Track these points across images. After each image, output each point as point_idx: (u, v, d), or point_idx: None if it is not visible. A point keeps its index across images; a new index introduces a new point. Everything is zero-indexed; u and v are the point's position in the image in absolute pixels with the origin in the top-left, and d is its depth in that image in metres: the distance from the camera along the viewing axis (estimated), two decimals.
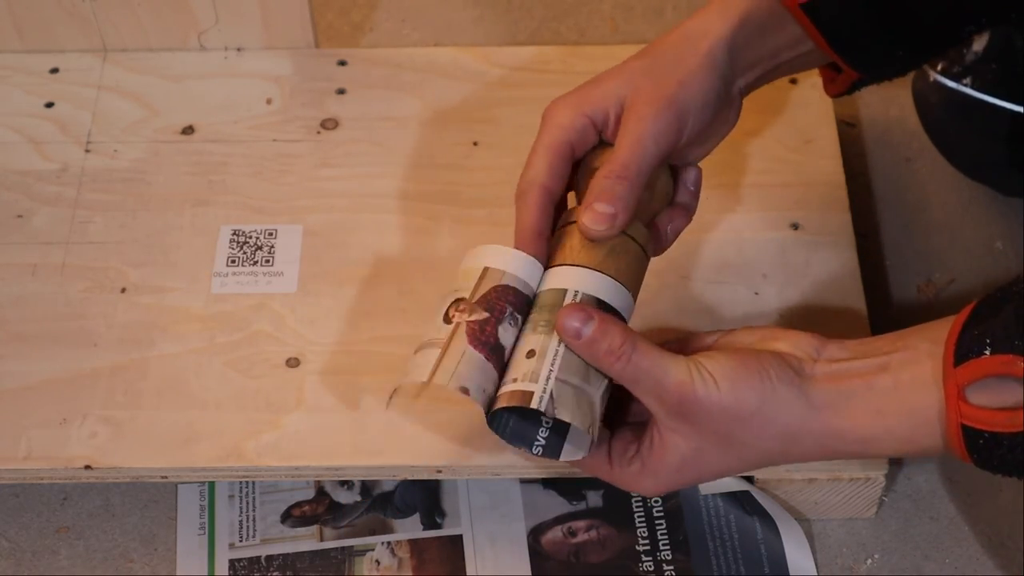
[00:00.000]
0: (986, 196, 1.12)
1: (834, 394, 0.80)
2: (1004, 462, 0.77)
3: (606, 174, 0.83)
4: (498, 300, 0.82)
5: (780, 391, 0.80)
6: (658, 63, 0.86)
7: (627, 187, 0.83)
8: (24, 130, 1.09)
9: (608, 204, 0.83)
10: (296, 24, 1.11)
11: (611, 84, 0.86)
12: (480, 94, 1.11)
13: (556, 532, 0.98)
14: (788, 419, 0.80)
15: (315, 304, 1.00)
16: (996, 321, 0.76)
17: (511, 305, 0.82)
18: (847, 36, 0.87)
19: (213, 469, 0.94)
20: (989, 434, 0.76)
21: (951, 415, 0.77)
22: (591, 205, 0.83)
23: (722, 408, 0.80)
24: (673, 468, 0.82)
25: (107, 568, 0.97)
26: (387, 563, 0.97)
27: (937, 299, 1.07)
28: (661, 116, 0.84)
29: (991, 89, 1.05)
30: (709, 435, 0.81)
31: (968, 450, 0.77)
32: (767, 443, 0.81)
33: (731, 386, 0.80)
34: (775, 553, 0.96)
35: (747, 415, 0.80)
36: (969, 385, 0.76)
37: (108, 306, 1.00)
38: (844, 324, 0.99)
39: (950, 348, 0.78)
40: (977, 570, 0.96)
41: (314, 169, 1.07)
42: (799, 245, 1.03)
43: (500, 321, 0.81)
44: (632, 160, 0.83)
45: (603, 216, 0.83)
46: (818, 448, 0.81)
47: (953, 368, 0.77)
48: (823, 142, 1.08)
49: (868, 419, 0.80)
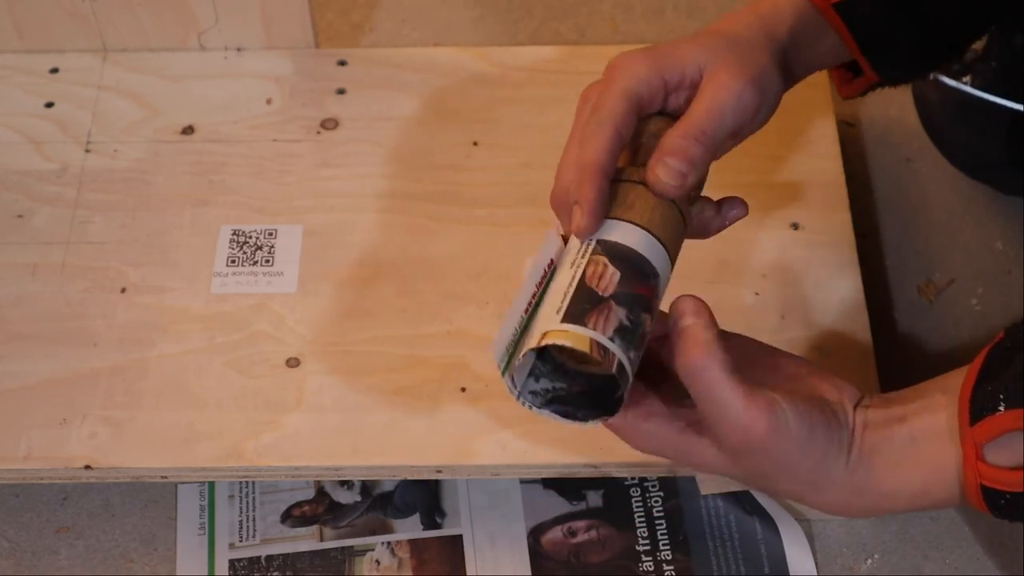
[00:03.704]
0: (986, 196, 1.12)
1: (865, 449, 0.80)
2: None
3: (682, 134, 0.80)
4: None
5: (834, 454, 0.79)
6: (738, 44, 0.83)
7: (701, 151, 0.80)
8: (24, 130, 1.09)
9: (681, 162, 0.79)
10: (296, 24, 1.11)
11: (691, 50, 0.82)
12: (480, 94, 1.11)
13: (556, 532, 0.98)
14: (826, 474, 0.80)
15: (315, 304, 1.00)
16: (1007, 374, 0.76)
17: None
18: (877, 38, 0.87)
19: (213, 469, 0.94)
20: (1011, 495, 0.76)
21: (969, 476, 0.77)
22: (664, 159, 0.79)
23: (786, 458, 0.78)
24: (676, 452, 0.81)
25: (107, 568, 0.97)
26: (387, 563, 0.97)
27: (937, 299, 1.07)
28: (745, 91, 0.81)
29: (991, 88, 1.05)
30: (750, 467, 0.80)
31: (989, 508, 0.77)
32: (797, 489, 0.81)
33: (805, 435, 0.78)
34: (775, 553, 0.96)
35: (800, 469, 0.79)
36: (987, 443, 0.76)
37: (108, 306, 1.00)
38: (844, 324, 0.99)
39: (964, 405, 0.77)
40: (977, 570, 0.96)
41: (314, 169, 1.07)
42: (799, 245, 1.03)
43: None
44: (709, 126, 0.80)
45: (676, 172, 0.79)
46: (836, 500, 0.81)
47: (969, 427, 0.76)
48: (823, 142, 1.08)
49: (888, 473, 0.79)
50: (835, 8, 0.85)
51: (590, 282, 0.77)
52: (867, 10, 0.85)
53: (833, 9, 0.85)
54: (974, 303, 1.07)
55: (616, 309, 0.77)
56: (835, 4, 0.85)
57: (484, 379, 0.96)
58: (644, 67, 0.81)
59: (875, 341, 0.99)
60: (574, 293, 0.77)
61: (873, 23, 0.86)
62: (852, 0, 0.85)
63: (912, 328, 1.06)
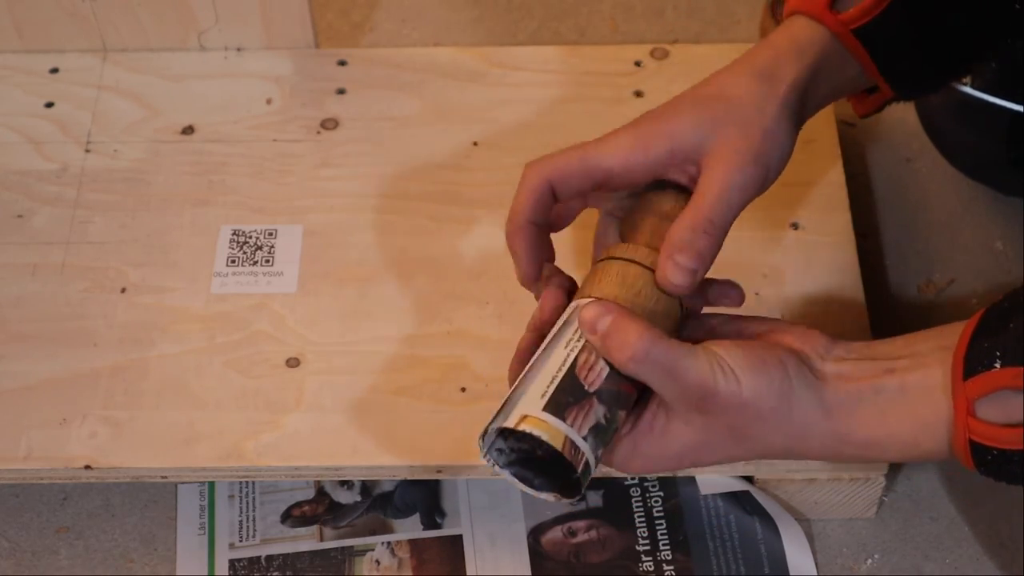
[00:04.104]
0: (986, 196, 1.12)
1: (843, 396, 0.79)
2: (1013, 476, 0.77)
3: (691, 226, 0.80)
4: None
5: (798, 390, 0.79)
6: (739, 109, 0.82)
7: (710, 243, 0.80)
8: (24, 130, 1.09)
9: (691, 259, 0.80)
10: (296, 24, 1.11)
11: (682, 124, 0.82)
12: (480, 94, 1.11)
13: (556, 532, 0.98)
14: (801, 419, 0.79)
15: (315, 304, 1.00)
16: (1006, 333, 0.76)
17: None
18: (896, 58, 0.87)
19: (213, 469, 0.94)
20: (998, 451, 0.76)
21: (959, 429, 0.77)
22: (673, 256, 0.80)
23: (741, 404, 0.78)
24: (672, 455, 0.81)
25: (107, 568, 0.97)
26: (387, 563, 0.97)
27: (937, 299, 1.07)
28: (748, 168, 0.81)
29: (991, 89, 1.05)
30: (721, 428, 0.79)
31: (976, 463, 0.77)
32: (776, 439, 0.80)
33: (752, 382, 0.78)
34: (775, 553, 0.96)
35: (765, 412, 0.79)
36: (979, 399, 0.76)
37: (108, 306, 1.00)
38: (844, 324, 0.99)
39: (959, 360, 0.77)
40: (977, 570, 0.96)
41: (314, 169, 1.07)
42: (799, 245, 1.03)
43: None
44: (717, 214, 0.80)
45: (687, 270, 0.80)
46: (822, 449, 0.81)
47: (963, 381, 0.76)
48: (823, 142, 1.08)
49: (873, 422, 0.79)
50: (854, 33, 0.85)
51: (579, 372, 0.78)
52: (886, 32, 0.85)
53: (852, 34, 0.86)
54: (974, 303, 1.07)
55: (596, 407, 0.78)
56: (854, 29, 0.85)
57: (484, 379, 0.96)
58: (571, 164, 0.83)
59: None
60: (561, 380, 0.78)
61: (892, 44, 0.86)
62: (871, 24, 0.85)
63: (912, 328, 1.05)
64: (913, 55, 0.87)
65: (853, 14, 0.85)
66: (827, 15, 0.86)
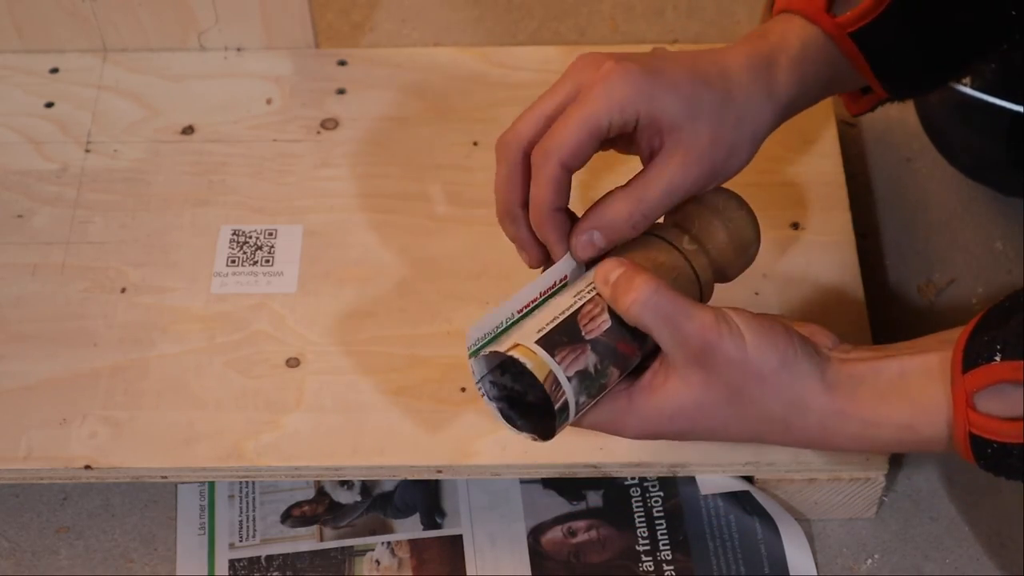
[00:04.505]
0: (986, 196, 1.12)
1: (845, 376, 0.80)
2: (1012, 469, 0.77)
3: (628, 213, 0.82)
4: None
5: (801, 359, 0.80)
6: (725, 106, 0.83)
7: (632, 235, 0.83)
8: (24, 130, 1.09)
9: (608, 241, 0.82)
10: (296, 24, 1.11)
11: (678, 96, 0.81)
12: (480, 94, 1.11)
13: (556, 532, 0.98)
14: (801, 389, 0.80)
15: (315, 304, 1.00)
16: (1007, 328, 0.76)
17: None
18: (891, 61, 0.87)
19: (213, 469, 0.94)
20: (998, 444, 0.76)
21: (959, 421, 0.77)
22: (591, 232, 0.82)
23: (744, 361, 0.78)
24: (665, 415, 0.81)
25: (107, 568, 0.97)
26: (387, 563, 0.97)
27: (937, 299, 1.07)
28: (700, 182, 0.83)
29: (991, 89, 1.05)
30: (720, 387, 0.79)
31: (976, 457, 0.77)
32: (775, 406, 0.80)
33: (757, 341, 0.79)
34: (775, 553, 0.96)
35: (766, 373, 0.79)
36: (978, 392, 0.76)
37: (108, 306, 1.00)
38: (844, 324, 0.99)
39: (959, 352, 0.77)
40: (977, 570, 0.96)
41: (314, 169, 1.07)
42: (799, 245, 1.03)
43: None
44: (655, 212, 0.82)
45: (595, 249, 0.82)
46: (819, 427, 0.81)
47: (962, 374, 0.77)
48: (823, 142, 1.08)
49: (872, 402, 0.79)
50: (850, 36, 0.86)
51: (580, 319, 0.80)
52: (882, 36, 0.86)
53: (849, 37, 0.86)
54: (974, 303, 1.07)
55: (589, 354, 0.79)
56: (851, 33, 0.85)
57: None
58: (626, 93, 0.81)
59: (875, 341, 0.99)
60: (561, 322, 0.79)
61: (887, 48, 0.86)
62: (867, 27, 0.85)
63: (912, 328, 1.06)
64: (909, 58, 0.87)
65: (850, 17, 0.85)
66: (824, 18, 0.86)
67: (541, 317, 0.80)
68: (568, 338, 0.79)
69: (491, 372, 0.81)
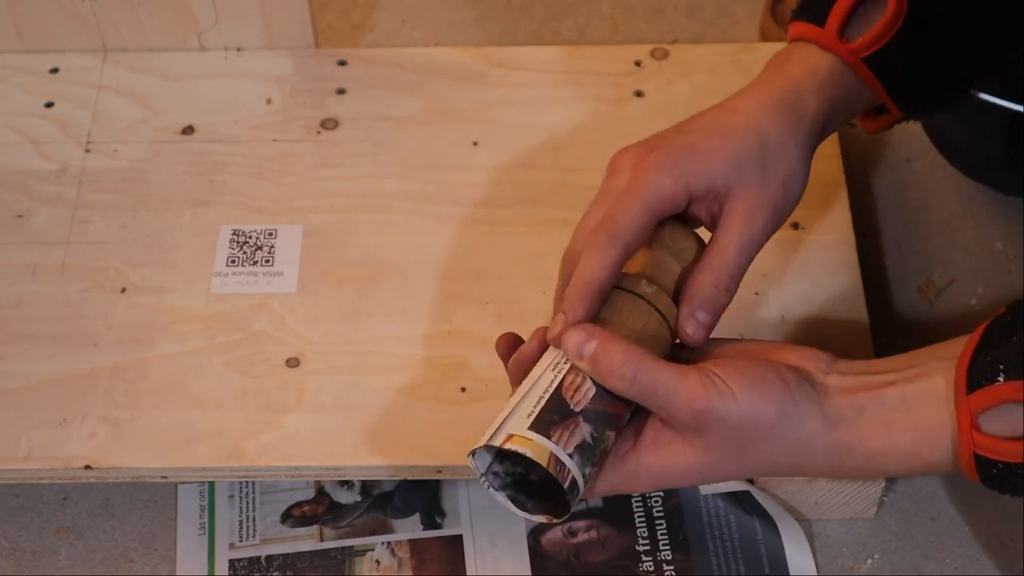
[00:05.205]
0: (986, 196, 1.12)
1: (846, 408, 0.79)
2: (1017, 488, 0.77)
3: (714, 283, 0.82)
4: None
5: (799, 404, 0.79)
6: (765, 149, 0.84)
7: (729, 298, 0.83)
8: (24, 130, 1.09)
9: (711, 314, 0.82)
10: (296, 24, 1.11)
11: (718, 162, 0.83)
12: (480, 94, 1.11)
13: (556, 532, 0.98)
14: (803, 432, 0.79)
15: (315, 304, 1.00)
16: (1009, 346, 0.76)
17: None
18: (906, 83, 0.88)
19: (213, 469, 0.94)
20: (1003, 464, 0.76)
21: (963, 443, 0.76)
22: (695, 313, 0.82)
23: (741, 419, 0.78)
24: (677, 473, 0.81)
25: (107, 568, 0.97)
26: (387, 563, 0.97)
27: (937, 299, 1.07)
28: (769, 221, 0.83)
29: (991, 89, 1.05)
30: (724, 447, 0.79)
31: (981, 477, 0.77)
32: (780, 455, 0.80)
33: (750, 396, 0.78)
34: (775, 553, 0.96)
35: (766, 427, 0.78)
36: (982, 413, 0.76)
37: (108, 306, 1.00)
38: (844, 324, 0.99)
39: (962, 373, 0.77)
40: (977, 570, 0.96)
41: (314, 169, 1.07)
42: (799, 245, 1.03)
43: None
44: (737, 269, 0.83)
45: (706, 327, 0.82)
46: (826, 462, 0.80)
47: (966, 395, 0.76)
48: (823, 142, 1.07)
49: (876, 433, 0.79)
50: (865, 61, 0.86)
51: (565, 393, 0.79)
52: (896, 58, 0.86)
53: (863, 62, 0.86)
54: (974, 303, 1.07)
55: (582, 426, 0.78)
56: (864, 58, 0.86)
57: (484, 379, 0.96)
58: (671, 181, 0.82)
59: (875, 341, 0.99)
60: (547, 401, 0.79)
61: (902, 70, 0.87)
62: (880, 51, 0.86)
63: (912, 328, 1.06)
64: (924, 79, 0.88)
65: (863, 43, 0.86)
66: (837, 45, 0.86)
67: (527, 401, 0.79)
68: (559, 416, 0.78)
69: (491, 464, 0.81)
